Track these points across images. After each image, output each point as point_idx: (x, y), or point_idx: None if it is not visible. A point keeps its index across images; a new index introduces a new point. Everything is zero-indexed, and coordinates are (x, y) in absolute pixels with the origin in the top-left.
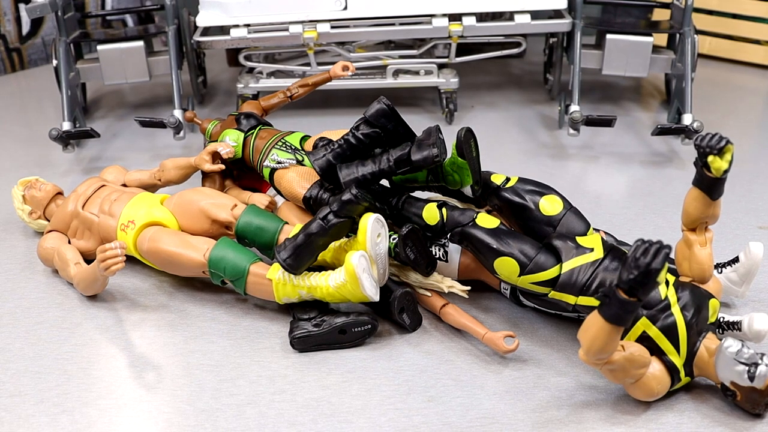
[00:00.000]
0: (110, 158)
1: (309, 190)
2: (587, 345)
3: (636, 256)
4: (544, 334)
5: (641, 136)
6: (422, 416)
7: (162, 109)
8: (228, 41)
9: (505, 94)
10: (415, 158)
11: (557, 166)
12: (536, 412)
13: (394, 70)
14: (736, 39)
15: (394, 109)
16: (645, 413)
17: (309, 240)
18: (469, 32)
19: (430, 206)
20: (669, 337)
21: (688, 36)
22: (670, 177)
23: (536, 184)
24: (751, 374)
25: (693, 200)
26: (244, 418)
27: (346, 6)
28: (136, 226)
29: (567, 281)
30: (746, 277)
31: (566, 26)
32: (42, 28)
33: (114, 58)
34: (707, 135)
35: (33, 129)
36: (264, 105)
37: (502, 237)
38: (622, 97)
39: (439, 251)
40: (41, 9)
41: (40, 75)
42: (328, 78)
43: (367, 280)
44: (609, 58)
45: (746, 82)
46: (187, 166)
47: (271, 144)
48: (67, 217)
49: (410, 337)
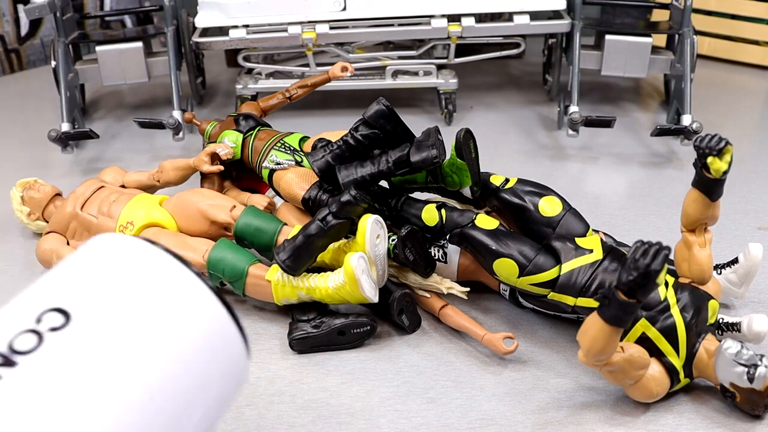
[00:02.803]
0: (109, 159)
1: (308, 191)
2: (586, 346)
3: (635, 257)
4: (543, 336)
5: (640, 137)
6: (421, 417)
7: (161, 110)
8: (227, 42)
9: (504, 94)
10: (414, 159)
11: (556, 167)
12: (535, 413)
13: (393, 71)
14: (735, 39)
15: (393, 110)
16: (644, 414)
17: (308, 241)
18: (468, 33)
19: (429, 207)
20: (668, 338)
21: (688, 37)
22: (670, 178)
23: (535, 185)
24: (750, 375)
25: (692, 201)
26: (243, 420)
27: (345, 7)
28: (134, 227)
29: (566, 282)
30: (746, 278)
31: (565, 27)
32: (41, 29)
33: (113, 59)
34: (706, 136)
35: (32, 130)
36: (263, 106)
37: (501, 238)
38: (622, 98)
39: (438, 252)
40: (40, 10)
41: (39, 76)
42: (327, 79)
43: (366, 281)
44: (608, 59)
45: (746, 82)
46: (186, 167)
47: (270, 145)
48: (65, 219)
49: (409, 338)
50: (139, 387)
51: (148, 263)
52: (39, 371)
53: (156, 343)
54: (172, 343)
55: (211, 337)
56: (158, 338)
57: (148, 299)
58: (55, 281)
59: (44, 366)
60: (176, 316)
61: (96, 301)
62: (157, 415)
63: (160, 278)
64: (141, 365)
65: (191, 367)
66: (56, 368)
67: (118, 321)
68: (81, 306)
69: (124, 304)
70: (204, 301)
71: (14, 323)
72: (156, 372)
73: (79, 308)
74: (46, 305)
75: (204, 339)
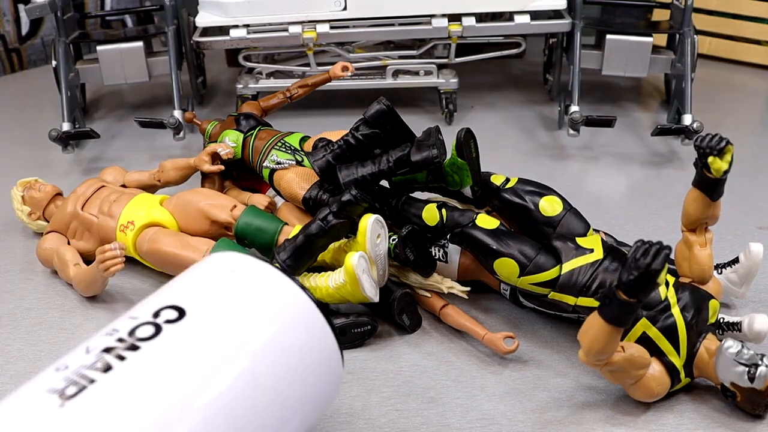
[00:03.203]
0: (110, 159)
1: (308, 190)
2: (587, 346)
3: (636, 257)
4: (544, 335)
5: (641, 137)
6: (422, 417)
7: (161, 109)
8: (227, 41)
9: (504, 94)
10: (415, 159)
11: (557, 167)
12: (536, 412)
13: (393, 71)
14: (736, 39)
15: (393, 110)
16: (645, 414)
17: (308, 241)
18: (468, 33)
19: (429, 207)
20: (669, 337)
21: (688, 36)
22: (670, 177)
23: (536, 184)
24: (751, 375)
25: (693, 201)
26: None
27: (345, 6)
28: (135, 227)
29: (567, 282)
30: (746, 277)
31: (566, 26)
32: (41, 29)
33: (113, 59)
34: (707, 135)
35: (32, 130)
36: (263, 106)
37: (501, 238)
38: (622, 98)
39: (438, 252)
40: (40, 9)
41: (40, 75)
42: (328, 78)
43: (366, 281)
44: (609, 59)
45: (746, 82)
46: (187, 166)
47: (271, 145)
48: (66, 218)
49: (410, 338)
50: (243, 370)
51: (254, 274)
52: (157, 354)
53: (258, 337)
54: (273, 339)
55: (309, 340)
56: (261, 333)
57: (253, 300)
58: (171, 288)
59: (161, 350)
60: (279, 319)
61: (208, 302)
62: (260, 398)
63: (265, 287)
64: (245, 353)
65: (291, 361)
66: (172, 352)
67: (226, 318)
68: (194, 305)
69: (233, 305)
70: (306, 310)
71: (135, 319)
72: (258, 362)
73: (192, 306)
74: (163, 303)
75: (303, 341)
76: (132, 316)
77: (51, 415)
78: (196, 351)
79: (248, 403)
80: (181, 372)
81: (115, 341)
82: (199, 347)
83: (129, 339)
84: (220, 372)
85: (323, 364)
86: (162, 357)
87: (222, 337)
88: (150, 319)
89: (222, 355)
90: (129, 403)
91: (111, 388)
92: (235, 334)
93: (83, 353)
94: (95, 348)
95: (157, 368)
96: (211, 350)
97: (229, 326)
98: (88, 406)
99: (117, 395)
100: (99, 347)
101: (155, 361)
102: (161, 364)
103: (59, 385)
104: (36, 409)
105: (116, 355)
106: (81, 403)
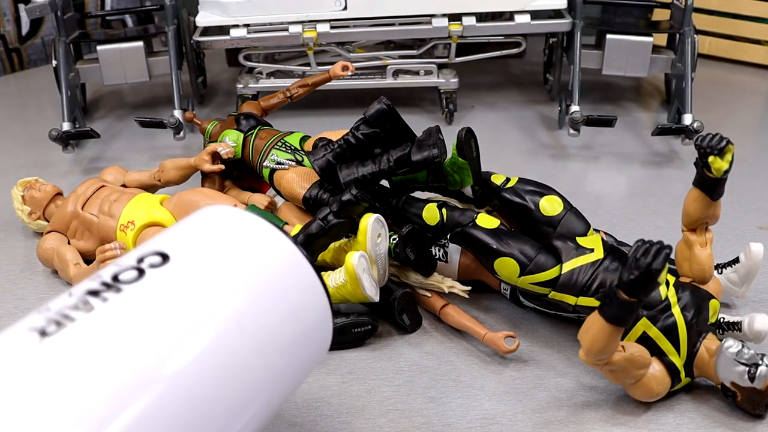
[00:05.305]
0: (110, 159)
1: (309, 190)
2: (587, 345)
3: (636, 256)
4: (544, 335)
5: (641, 137)
6: (422, 417)
7: (162, 109)
8: (227, 41)
9: (504, 94)
10: (415, 158)
11: (557, 167)
12: (536, 412)
13: (393, 71)
14: (736, 39)
15: (394, 109)
16: (645, 414)
17: (309, 240)
18: (468, 32)
19: (430, 206)
20: (669, 337)
21: (688, 36)
22: (671, 177)
23: (536, 184)
24: (751, 375)
25: (693, 201)
26: None
27: (345, 6)
28: (135, 227)
29: (567, 282)
30: (746, 277)
31: (566, 26)
32: (41, 29)
33: (114, 59)
34: (707, 135)
35: (32, 129)
36: (263, 105)
37: (502, 237)
38: (622, 98)
39: (439, 252)
40: (41, 9)
41: (40, 75)
42: (328, 78)
43: (367, 280)
44: (609, 58)
45: (746, 82)
46: (187, 166)
47: (271, 144)
48: (66, 218)
49: (410, 337)
50: (228, 313)
51: (241, 225)
52: (139, 296)
53: (242, 282)
54: (257, 284)
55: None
56: (244, 278)
57: (237, 247)
58: (156, 238)
59: (144, 292)
60: (264, 264)
61: (193, 248)
62: (245, 341)
63: (255, 236)
64: (229, 297)
65: (274, 305)
66: (154, 294)
67: (210, 263)
68: (179, 250)
69: (219, 251)
70: (290, 256)
71: (119, 266)
72: (242, 304)
73: (177, 252)
74: (148, 250)
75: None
76: (116, 264)
77: (30, 349)
78: (179, 293)
79: (233, 347)
80: (164, 313)
81: (99, 285)
82: (182, 290)
83: (112, 283)
84: (203, 315)
85: (312, 314)
86: (144, 298)
87: (205, 280)
88: (134, 264)
89: (205, 298)
90: (109, 341)
91: (92, 327)
92: (220, 278)
93: (66, 297)
94: (78, 291)
95: (139, 309)
96: (194, 293)
97: (213, 270)
98: (68, 342)
99: (98, 334)
100: (82, 290)
101: (137, 303)
102: (143, 306)
103: (40, 324)
104: (16, 344)
105: (99, 297)
106: (60, 340)
